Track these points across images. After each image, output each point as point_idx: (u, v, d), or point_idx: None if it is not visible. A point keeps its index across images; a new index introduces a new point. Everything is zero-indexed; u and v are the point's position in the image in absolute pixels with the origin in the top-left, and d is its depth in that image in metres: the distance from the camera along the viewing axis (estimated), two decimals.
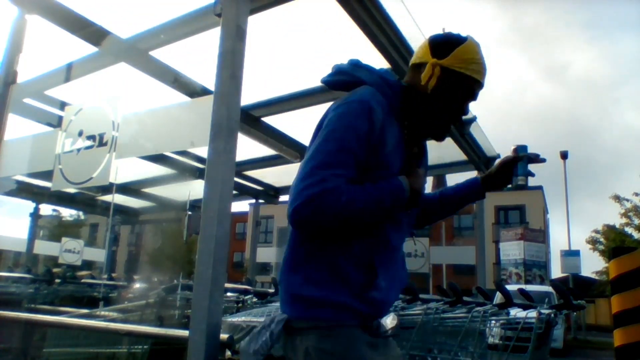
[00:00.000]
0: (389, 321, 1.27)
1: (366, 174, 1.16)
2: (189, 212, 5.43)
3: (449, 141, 4.04)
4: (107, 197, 6.00)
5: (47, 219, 22.96)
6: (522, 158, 1.36)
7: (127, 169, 4.65)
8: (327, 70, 1.41)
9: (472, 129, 4.14)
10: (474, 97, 1.28)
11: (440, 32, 1.30)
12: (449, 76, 1.22)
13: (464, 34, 1.27)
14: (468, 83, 1.24)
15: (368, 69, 1.29)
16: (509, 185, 1.40)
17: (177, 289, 4.25)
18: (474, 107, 4.00)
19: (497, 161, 1.42)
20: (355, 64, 1.30)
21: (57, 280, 5.89)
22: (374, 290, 1.19)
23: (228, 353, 1.64)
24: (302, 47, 2.96)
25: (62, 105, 3.13)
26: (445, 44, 1.24)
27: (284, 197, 6.44)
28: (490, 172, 1.42)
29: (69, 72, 2.89)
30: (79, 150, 2.31)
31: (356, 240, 1.18)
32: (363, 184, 1.14)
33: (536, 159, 1.37)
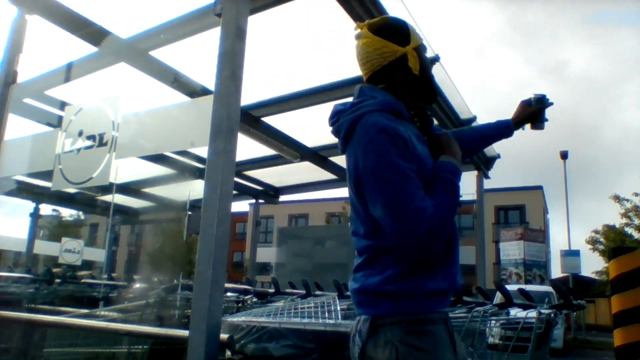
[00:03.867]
0: None
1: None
2: (189, 212, 5.43)
3: None
4: (107, 197, 6.00)
5: (47, 219, 22.93)
6: (547, 106, 1.62)
7: (127, 169, 4.65)
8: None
9: None
10: (425, 51, 1.44)
11: (366, 27, 1.35)
12: (419, 54, 1.35)
13: (388, 14, 1.42)
14: (422, 49, 1.38)
15: (362, 102, 1.28)
16: (535, 129, 1.64)
17: (177, 289, 4.25)
18: (473, 107, 4.00)
19: (523, 108, 1.62)
20: (354, 105, 1.29)
21: (57, 280, 5.89)
22: (453, 267, 1.26)
23: (228, 353, 1.64)
24: (302, 47, 2.96)
25: (62, 105, 3.12)
26: (400, 30, 1.35)
27: (284, 197, 6.44)
28: (518, 117, 1.62)
29: (69, 72, 2.89)
30: (79, 150, 2.31)
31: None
32: (431, 186, 1.20)
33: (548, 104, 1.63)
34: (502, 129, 1.63)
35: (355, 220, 1.31)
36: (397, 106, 1.26)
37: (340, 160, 4.76)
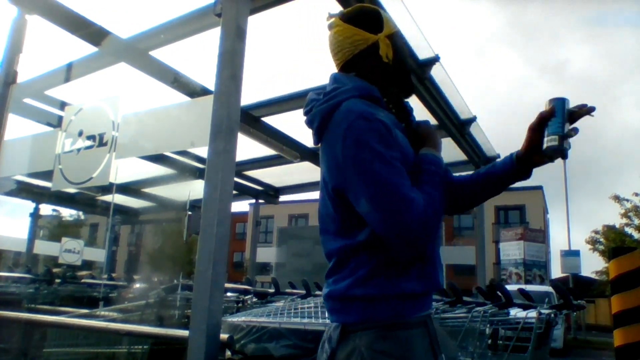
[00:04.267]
0: None
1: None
2: (189, 212, 5.43)
3: (449, 141, 4.04)
4: (107, 197, 6.00)
5: (47, 219, 22.96)
6: (553, 113, 1.09)
7: (127, 169, 4.65)
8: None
9: (472, 129, 4.14)
10: (401, 39, 1.38)
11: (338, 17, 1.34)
12: (393, 41, 1.30)
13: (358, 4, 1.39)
14: (397, 37, 1.34)
15: (336, 90, 1.21)
16: (543, 151, 1.11)
17: (177, 289, 4.25)
18: (473, 107, 4.00)
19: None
20: (327, 93, 1.22)
21: (57, 280, 5.89)
22: (428, 266, 1.16)
23: (228, 353, 1.64)
24: (302, 47, 2.96)
25: (62, 105, 3.13)
26: (372, 18, 1.31)
27: (284, 197, 6.44)
28: (526, 142, 1.18)
29: (69, 72, 2.89)
30: (79, 150, 2.31)
31: None
32: (417, 180, 1.13)
33: (580, 110, 1.10)
34: (506, 165, 1.24)
35: (324, 217, 1.22)
36: (373, 91, 1.20)
37: None
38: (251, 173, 5.44)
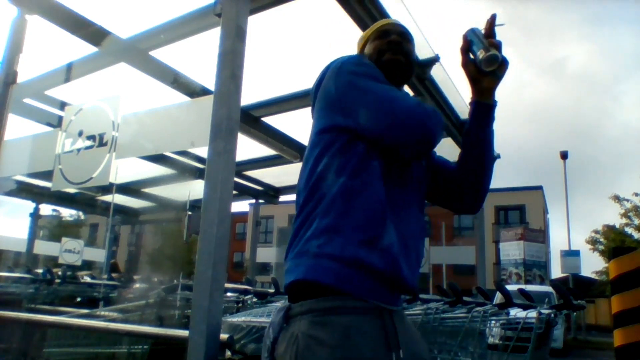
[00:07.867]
0: None
1: None
2: (189, 212, 5.43)
3: (449, 141, 4.04)
4: (107, 197, 6.00)
5: (47, 219, 22.96)
6: (468, 42, 1.22)
7: (127, 169, 4.65)
8: None
9: None
10: (388, 35, 1.38)
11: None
12: (372, 45, 1.39)
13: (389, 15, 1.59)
14: (376, 35, 1.40)
15: None
16: (482, 68, 1.19)
17: (177, 289, 4.25)
18: None
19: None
20: None
21: (57, 280, 5.89)
22: (386, 240, 1.04)
23: (228, 353, 1.64)
24: (302, 47, 2.96)
25: (62, 105, 3.12)
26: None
27: (284, 197, 6.44)
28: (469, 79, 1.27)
29: (69, 72, 2.89)
30: (79, 150, 2.31)
31: (359, 201, 1.06)
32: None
33: (490, 27, 1.21)
34: (471, 112, 1.29)
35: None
36: (363, 58, 1.32)
37: None
38: (251, 173, 5.44)
